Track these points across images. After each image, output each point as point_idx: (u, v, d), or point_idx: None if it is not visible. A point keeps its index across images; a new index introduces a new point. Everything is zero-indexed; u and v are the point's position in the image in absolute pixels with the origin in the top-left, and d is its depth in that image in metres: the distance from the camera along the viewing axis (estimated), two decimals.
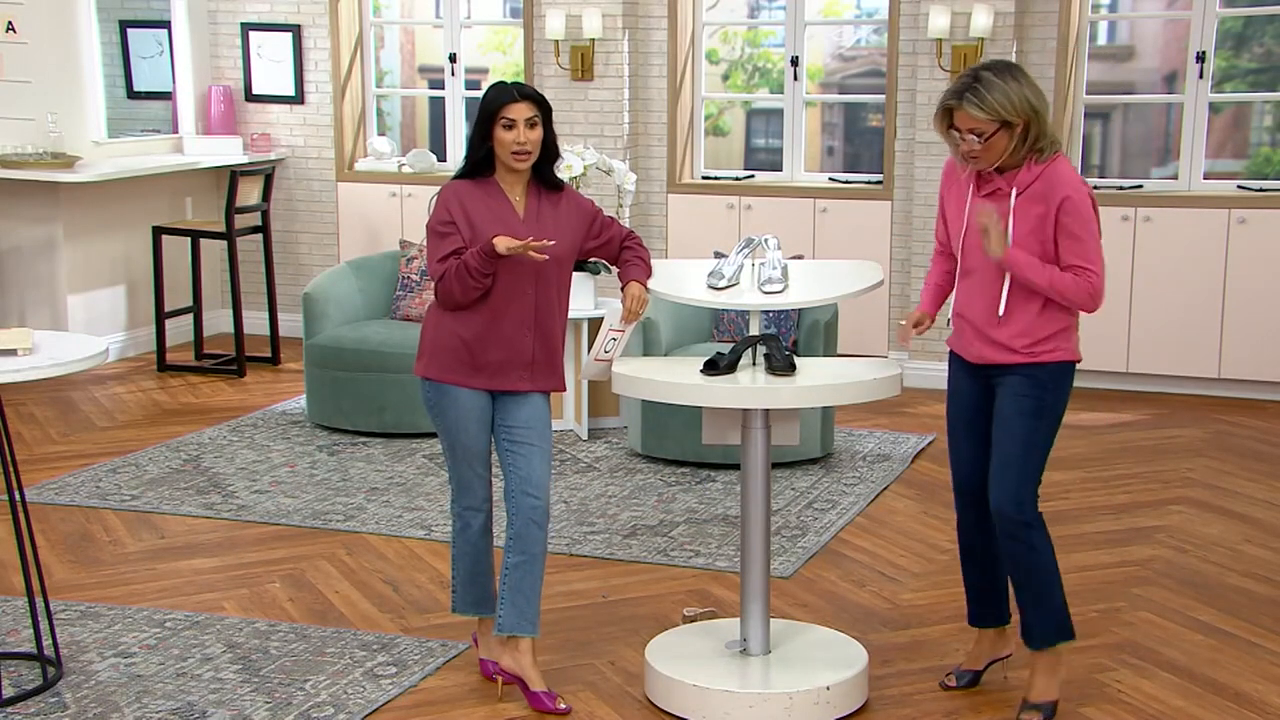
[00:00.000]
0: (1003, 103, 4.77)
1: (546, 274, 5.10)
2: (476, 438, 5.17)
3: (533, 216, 5.12)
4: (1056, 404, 5.00)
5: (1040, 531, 5.01)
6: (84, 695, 5.23)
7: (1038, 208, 4.86)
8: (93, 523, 7.18)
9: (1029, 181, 4.88)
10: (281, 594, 6.27)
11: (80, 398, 9.66)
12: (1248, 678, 5.45)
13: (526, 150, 5.03)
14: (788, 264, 5.49)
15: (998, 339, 4.95)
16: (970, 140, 4.84)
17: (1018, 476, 4.96)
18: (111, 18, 11.38)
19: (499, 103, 5.00)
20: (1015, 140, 4.83)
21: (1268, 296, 9.53)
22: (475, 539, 5.32)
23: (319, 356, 8.76)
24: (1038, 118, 4.83)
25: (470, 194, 5.10)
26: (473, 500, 5.27)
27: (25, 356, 5.07)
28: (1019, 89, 4.81)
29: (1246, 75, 10.22)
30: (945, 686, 5.36)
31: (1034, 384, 4.95)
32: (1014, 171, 4.91)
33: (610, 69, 10.54)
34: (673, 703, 5.13)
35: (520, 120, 4.99)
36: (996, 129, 4.80)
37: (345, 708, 5.13)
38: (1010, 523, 4.98)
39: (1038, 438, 4.98)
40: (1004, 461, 4.98)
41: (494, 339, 5.08)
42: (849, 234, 10.25)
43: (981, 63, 4.96)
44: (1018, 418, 4.95)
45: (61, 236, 10.34)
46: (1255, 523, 7.23)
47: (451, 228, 5.05)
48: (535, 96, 5.05)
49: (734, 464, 7.75)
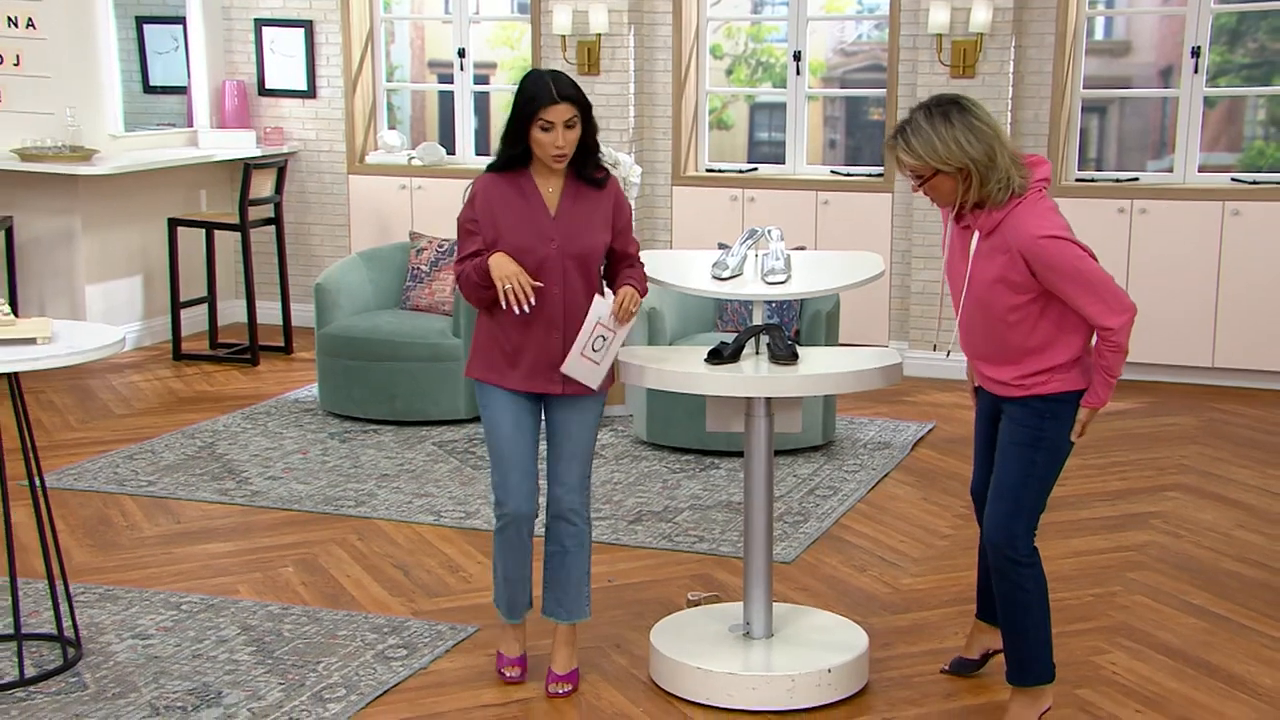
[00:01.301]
0: (929, 150, 4.53)
1: (573, 274, 5.02)
2: (511, 439, 5.05)
3: (565, 214, 5.01)
4: (1057, 436, 4.71)
5: (1031, 570, 4.79)
6: (103, 675, 5.28)
7: (999, 257, 4.58)
8: (110, 508, 7.23)
9: (990, 228, 4.60)
10: (294, 578, 6.31)
11: (98, 386, 9.71)
12: (1240, 660, 5.49)
13: (564, 154, 4.91)
14: (790, 255, 5.48)
15: (997, 378, 4.76)
16: (912, 180, 4.67)
17: (1010, 509, 4.74)
18: (128, 14, 11.39)
19: (537, 105, 4.84)
20: (960, 184, 4.57)
21: (1261, 287, 9.58)
22: (509, 541, 5.17)
23: (331, 345, 8.82)
24: (976, 165, 4.52)
25: (501, 190, 5.01)
26: (506, 503, 5.09)
27: (44, 345, 5.09)
28: (951, 134, 4.52)
29: (1240, 70, 10.23)
30: (943, 671, 5.37)
31: (1033, 414, 4.70)
32: (977, 214, 4.63)
33: (616, 64, 10.60)
34: (677, 685, 5.16)
35: (559, 123, 4.85)
36: (933, 173, 4.58)
37: (356, 689, 5.18)
38: (999, 558, 4.78)
39: (1035, 470, 4.72)
40: (998, 492, 4.77)
41: (524, 340, 5.02)
42: (850, 226, 10.29)
43: (924, 100, 4.68)
44: (1013, 448, 4.73)
45: (79, 228, 10.41)
46: (1248, 508, 7.28)
47: (475, 225, 5.00)
48: (574, 96, 4.87)
49: (737, 451, 7.81)
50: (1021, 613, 4.82)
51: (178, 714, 4.99)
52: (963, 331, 4.82)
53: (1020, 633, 4.84)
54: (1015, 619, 4.84)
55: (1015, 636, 4.86)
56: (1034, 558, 4.80)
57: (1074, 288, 4.55)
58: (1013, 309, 4.63)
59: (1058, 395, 4.69)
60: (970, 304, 4.73)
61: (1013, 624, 4.85)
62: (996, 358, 4.75)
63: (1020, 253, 4.54)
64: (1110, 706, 5.12)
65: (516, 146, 4.96)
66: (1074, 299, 4.56)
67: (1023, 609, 4.81)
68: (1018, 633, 4.85)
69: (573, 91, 4.89)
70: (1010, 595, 4.81)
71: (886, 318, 10.35)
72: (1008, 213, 4.58)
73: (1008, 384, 4.73)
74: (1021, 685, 4.91)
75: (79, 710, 5.02)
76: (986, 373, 4.81)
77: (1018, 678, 4.91)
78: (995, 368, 4.76)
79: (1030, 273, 4.56)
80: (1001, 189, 4.55)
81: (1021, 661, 4.89)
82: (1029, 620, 4.83)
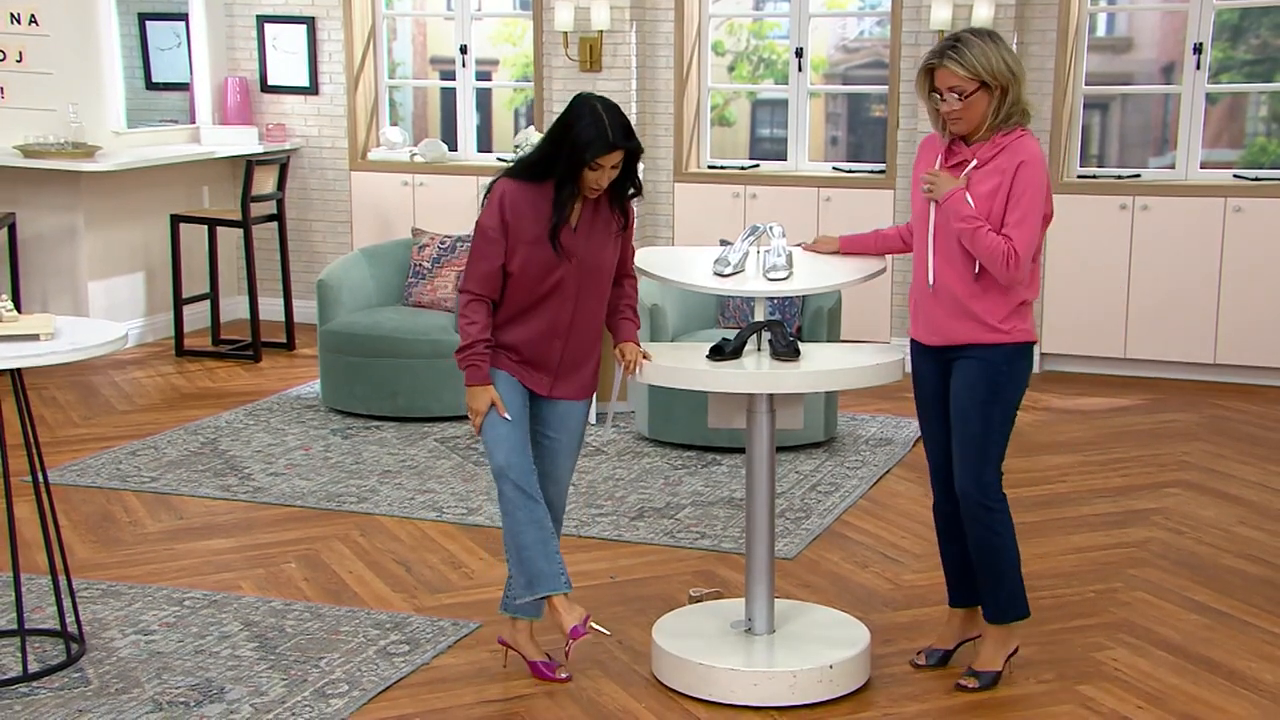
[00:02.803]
0: (982, 62, 4.80)
1: (588, 289, 5.06)
2: (512, 422, 5.05)
3: (585, 227, 5.02)
4: (1010, 386, 5.02)
5: (1002, 515, 5.09)
6: (106, 671, 5.30)
7: (994, 179, 4.89)
8: (113, 504, 7.25)
9: (990, 155, 4.91)
10: (297, 574, 6.33)
11: (100, 382, 9.72)
12: (1241, 656, 5.49)
13: (603, 189, 4.98)
14: (792, 251, 5.48)
15: (974, 310, 4.97)
16: (951, 99, 4.86)
17: (978, 460, 5.03)
18: (130, 10, 11.40)
19: (596, 151, 4.83)
20: (994, 104, 4.86)
21: (1262, 283, 9.59)
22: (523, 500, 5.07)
23: (333, 342, 8.83)
24: (1015, 83, 4.86)
25: (526, 200, 4.95)
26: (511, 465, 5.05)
27: (47, 341, 5.10)
28: (998, 52, 4.83)
29: (1243, 66, 10.24)
30: (915, 665, 5.39)
31: (987, 368, 4.98)
32: (979, 144, 4.94)
33: (618, 60, 10.60)
34: (679, 681, 5.17)
35: (608, 165, 4.88)
36: (976, 88, 4.83)
37: (359, 684, 5.19)
38: (973, 505, 5.07)
39: (994, 420, 5.02)
40: (964, 446, 5.05)
41: (525, 341, 5.05)
42: (852, 222, 10.13)
43: (959, 30, 5.01)
44: (973, 405, 5.00)
45: (82, 224, 10.42)
46: (1249, 505, 7.29)
47: (498, 233, 4.92)
48: (631, 146, 4.90)
49: (739, 448, 7.76)
50: (998, 554, 5.13)
51: (180, 709, 5.00)
52: (938, 271, 5.04)
53: (998, 572, 5.15)
54: (992, 560, 5.14)
55: (994, 577, 5.17)
56: (1004, 504, 5.12)
57: (1026, 205, 4.87)
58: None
59: (1013, 347, 5.00)
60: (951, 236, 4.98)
61: (990, 565, 5.15)
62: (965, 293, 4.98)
63: (1017, 165, 4.87)
64: (1111, 703, 5.12)
65: (566, 189, 4.92)
66: (1014, 212, 4.88)
67: (999, 550, 5.12)
68: (996, 572, 5.16)
69: (628, 141, 4.89)
70: (986, 539, 5.11)
71: (888, 314, 10.36)
72: (1012, 139, 4.91)
73: (984, 322, 4.97)
74: (1002, 623, 5.22)
75: (82, 706, 5.03)
76: (968, 305, 4.99)
77: (996, 615, 5.22)
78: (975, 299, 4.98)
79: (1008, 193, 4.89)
80: (1017, 115, 4.91)
81: (999, 601, 5.20)
82: (1005, 559, 5.14)
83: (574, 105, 4.95)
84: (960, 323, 5.01)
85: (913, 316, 5.21)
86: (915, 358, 5.23)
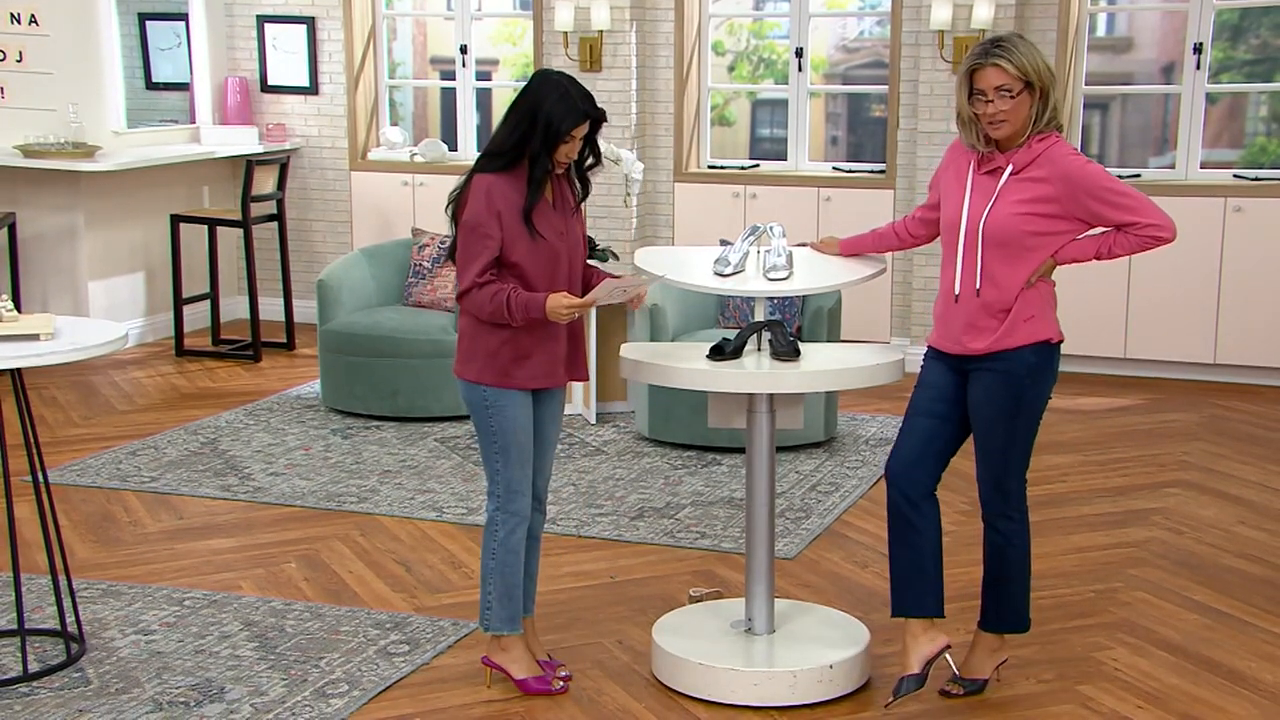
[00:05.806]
0: (1029, 60, 4.76)
1: (575, 264, 5.07)
2: (529, 434, 5.05)
3: (560, 201, 5.03)
4: (1035, 394, 4.92)
5: (1020, 528, 5.03)
6: (106, 670, 5.31)
7: (1036, 189, 4.81)
8: (113, 504, 7.25)
9: (1026, 161, 4.82)
10: (297, 574, 6.33)
11: (101, 382, 9.73)
12: (1241, 656, 5.50)
13: (572, 160, 5.02)
14: (792, 251, 5.48)
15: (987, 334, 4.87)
16: (1000, 98, 4.77)
17: (1000, 468, 4.96)
18: (130, 10, 11.40)
19: (569, 124, 4.86)
20: (1035, 106, 4.80)
21: (1262, 283, 9.60)
22: (519, 545, 5.10)
23: (333, 342, 8.84)
24: (1054, 84, 4.83)
25: (506, 191, 4.90)
26: (524, 505, 5.08)
27: (47, 341, 5.11)
28: (1039, 55, 4.82)
29: (1243, 66, 10.24)
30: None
31: (1009, 379, 4.88)
32: (1014, 150, 4.84)
33: (618, 60, 10.60)
34: (679, 681, 5.18)
35: (579, 136, 4.91)
36: (1023, 87, 4.76)
37: (359, 684, 5.19)
38: (994, 514, 5.02)
39: (1018, 432, 4.93)
40: (986, 455, 4.96)
41: (535, 340, 5.00)
42: (852, 222, 10.14)
43: (997, 35, 4.96)
44: (998, 418, 4.90)
45: (82, 224, 10.42)
46: (1249, 505, 7.29)
47: (493, 226, 4.86)
48: (598, 113, 4.93)
49: (739, 447, 7.78)
50: (1010, 567, 5.08)
51: (180, 709, 5.01)
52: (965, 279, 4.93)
53: (1008, 585, 5.09)
54: (1003, 571, 5.09)
55: (1002, 589, 5.10)
56: (1024, 515, 5.06)
57: (1124, 196, 4.85)
58: (1035, 234, 4.86)
59: (1035, 349, 4.92)
60: (986, 240, 4.87)
61: (1000, 576, 5.10)
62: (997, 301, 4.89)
63: (1062, 178, 4.80)
64: (1111, 702, 5.13)
65: (539, 165, 4.93)
66: (1122, 209, 4.84)
67: (1012, 564, 5.07)
68: (1006, 585, 5.10)
69: (596, 109, 4.94)
70: (1002, 549, 5.06)
71: (888, 314, 10.36)
72: (1046, 145, 4.84)
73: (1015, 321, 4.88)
74: (998, 632, 5.16)
75: (82, 705, 5.04)
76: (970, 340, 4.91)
77: (995, 627, 5.16)
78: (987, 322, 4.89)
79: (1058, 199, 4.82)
80: (1054, 117, 4.86)
81: (1002, 612, 5.13)
82: (1016, 573, 5.08)
83: (535, 84, 4.98)
84: (981, 335, 4.90)
85: (935, 326, 5.07)
86: (929, 361, 5.10)
